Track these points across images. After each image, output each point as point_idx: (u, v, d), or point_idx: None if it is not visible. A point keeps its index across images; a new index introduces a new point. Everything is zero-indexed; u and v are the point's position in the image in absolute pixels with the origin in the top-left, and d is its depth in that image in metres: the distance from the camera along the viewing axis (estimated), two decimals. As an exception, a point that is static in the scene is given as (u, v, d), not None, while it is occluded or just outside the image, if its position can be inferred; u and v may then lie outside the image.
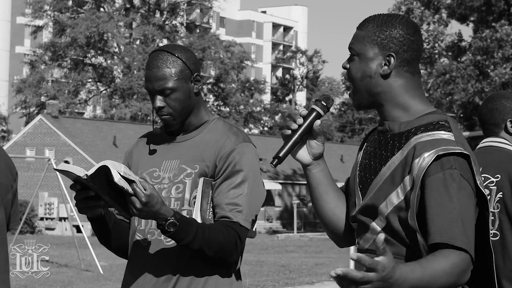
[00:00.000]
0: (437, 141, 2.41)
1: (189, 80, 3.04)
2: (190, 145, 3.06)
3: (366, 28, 2.56)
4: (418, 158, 2.39)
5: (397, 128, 2.52)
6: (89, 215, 2.93)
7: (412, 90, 2.54)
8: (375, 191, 2.48)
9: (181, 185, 3.01)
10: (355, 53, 2.55)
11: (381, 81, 2.52)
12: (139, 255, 3.04)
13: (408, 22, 2.57)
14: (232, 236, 2.92)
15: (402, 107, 2.53)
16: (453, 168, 2.37)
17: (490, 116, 3.83)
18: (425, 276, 2.28)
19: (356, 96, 2.57)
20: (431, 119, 2.49)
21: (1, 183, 3.39)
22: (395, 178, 2.44)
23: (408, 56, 2.53)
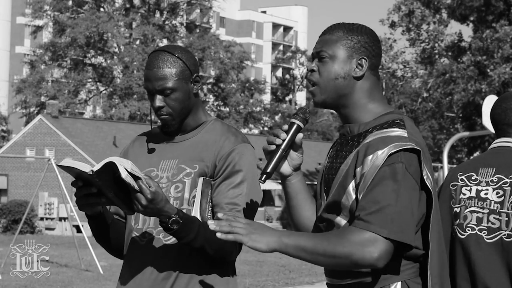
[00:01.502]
0: (390, 138, 2.53)
1: (189, 80, 3.05)
2: (189, 145, 3.08)
3: (337, 33, 2.68)
4: (372, 155, 2.51)
5: (356, 130, 2.65)
6: (89, 212, 2.94)
7: (375, 93, 2.69)
8: (335, 187, 2.61)
9: (180, 184, 3.02)
10: (327, 55, 2.66)
11: (352, 82, 2.66)
12: (136, 253, 3.04)
13: (372, 31, 2.72)
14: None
15: (364, 109, 2.67)
16: (399, 162, 2.49)
17: (504, 116, 3.79)
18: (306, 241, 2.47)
19: (322, 95, 2.68)
20: (387, 118, 2.62)
21: None
22: (350, 172, 2.57)
23: (375, 61, 2.69)
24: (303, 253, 2.48)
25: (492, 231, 3.60)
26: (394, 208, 2.45)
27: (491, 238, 3.57)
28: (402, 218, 2.45)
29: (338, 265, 2.50)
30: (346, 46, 2.66)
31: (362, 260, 2.44)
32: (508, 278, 3.61)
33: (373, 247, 2.42)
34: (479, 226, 3.58)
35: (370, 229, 2.43)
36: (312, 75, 2.69)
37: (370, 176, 2.49)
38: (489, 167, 3.71)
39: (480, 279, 3.54)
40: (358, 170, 2.54)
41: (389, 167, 2.48)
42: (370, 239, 2.43)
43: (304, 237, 2.49)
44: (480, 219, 3.59)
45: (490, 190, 3.67)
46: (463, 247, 3.57)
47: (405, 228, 2.45)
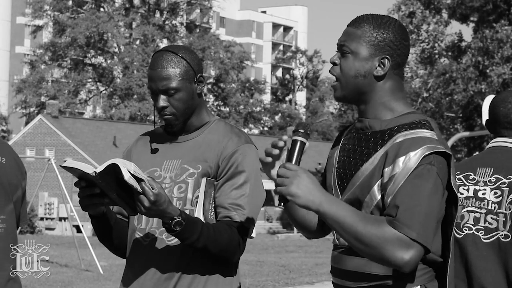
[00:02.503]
0: (422, 139, 2.46)
1: (192, 81, 3.05)
2: (192, 146, 3.07)
3: (362, 27, 2.57)
4: (404, 156, 2.44)
5: (378, 126, 2.57)
6: (92, 212, 2.94)
7: (397, 92, 2.60)
8: (357, 185, 2.54)
9: (184, 184, 3.02)
10: (349, 50, 2.57)
11: (373, 82, 2.57)
12: (139, 254, 3.04)
13: (401, 26, 2.61)
14: (236, 236, 2.94)
15: (386, 107, 2.59)
16: (432, 164, 2.44)
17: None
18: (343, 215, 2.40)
19: (343, 91, 2.60)
20: (412, 118, 2.55)
21: (11, 183, 3.41)
22: (377, 172, 2.50)
23: (400, 60, 2.59)
24: (337, 226, 2.41)
25: (489, 231, 3.60)
26: (424, 210, 2.40)
27: (488, 238, 3.57)
28: (429, 222, 2.41)
29: (366, 253, 2.42)
30: (369, 43, 2.56)
31: (391, 259, 2.38)
32: (504, 279, 3.61)
33: (406, 250, 2.37)
34: (476, 226, 3.58)
35: (403, 230, 2.38)
36: (334, 69, 2.61)
37: (402, 178, 2.42)
38: (487, 167, 3.71)
39: (477, 279, 3.54)
40: (386, 170, 2.47)
41: (423, 169, 2.42)
42: (404, 240, 2.38)
43: (345, 212, 2.41)
44: (477, 219, 3.59)
45: (488, 190, 3.66)
46: (460, 247, 3.57)
47: (429, 233, 2.41)
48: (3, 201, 3.39)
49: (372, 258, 2.42)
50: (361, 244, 2.39)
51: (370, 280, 2.53)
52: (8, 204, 3.41)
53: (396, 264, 2.39)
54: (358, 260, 2.54)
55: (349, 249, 2.55)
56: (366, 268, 2.53)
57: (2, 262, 3.41)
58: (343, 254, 2.59)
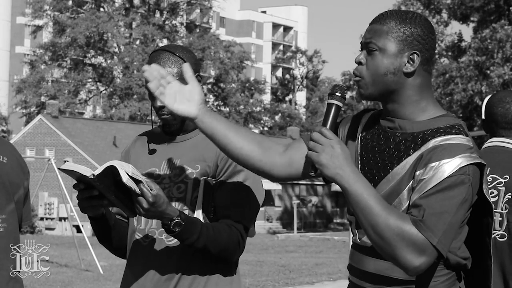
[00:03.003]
0: (457, 147, 2.39)
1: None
2: (190, 145, 3.07)
3: (388, 23, 2.49)
4: (436, 163, 2.37)
5: (409, 128, 2.49)
6: (91, 214, 2.94)
7: (426, 90, 2.52)
8: (388, 189, 2.46)
9: (183, 185, 3.01)
10: (376, 47, 2.48)
11: (403, 79, 2.48)
12: (139, 255, 3.04)
13: (427, 20, 2.54)
14: (235, 235, 2.94)
15: (416, 106, 2.50)
16: (466, 175, 2.37)
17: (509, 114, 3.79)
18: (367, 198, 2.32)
19: (369, 89, 2.50)
20: (446, 122, 2.47)
21: (12, 182, 3.42)
22: (408, 176, 2.43)
23: (428, 55, 2.50)
24: (358, 208, 2.35)
25: None
26: (450, 219, 2.34)
27: None
28: (451, 231, 2.36)
29: (377, 244, 2.36)
30: (397, 39, 2.46)
31: (401, 259, 2.32)
32: (501, 278, 3.61)
33: (418, 255, 2.32)
34: None
35: (425, 233, 2.32)
36: (357, 69, 2.51)
37: (432, 183, 2.35)
38: None
39: None
40: (417, 173, 2.39)
41: (457, 179, 2.34)
42: (421, 244, 2.32)
43: (370, 196, 2.33)
44: None
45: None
46: None
47: (448, 242, 2.36)
48: (4, 201, 3.39)
49: (382, 251, 2.36)
50: (376, 234, 2.33)
51: (391, 284, 2.48)
52: (9, 204, 3.41)
53: (404, 266, 2.34)
54: (381, 263, 2.48)
55: (371, 250, 2.49)
56: (388, 271, 2.47)
57: (3, 261, 3.42)
58: (365, 255, 2.53)
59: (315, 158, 2.37)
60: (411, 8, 35.61)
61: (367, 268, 2.52)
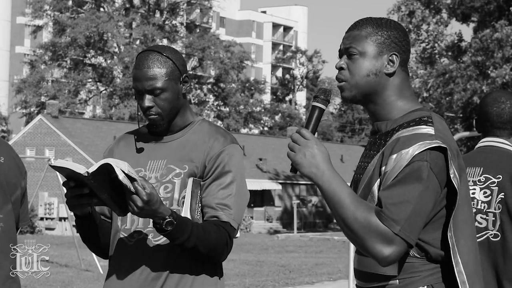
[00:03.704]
0: (415, 136, 2.47)
1: (178, 81, 3.05)
2: (177, 146, 3.07)
3: (365, 29, 2.60)
4: (396, 154, 2.46)
5: (384, 128, 2.60)
6: (79, 212, 2.94)
7: (405, 89, 2.62)
8: (362, 187, 2.57)
9: (170, 185, 3.02)
10: (357, 51, 2.59)
11: (384, 79, 2.59)
12: (125, 254, 3.03)
13: (401, 25, 2.66)
14: (224, 235, 2.95)
15: (393, 106, 2.61)
16: (424, 161, 2.43)
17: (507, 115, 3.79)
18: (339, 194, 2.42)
19: (352, 92, 2.61)
20: (414, 116, 2.56)
21: (10, 182, 3.42)
22: (375, 171, 2.53)
23: (405, 57, 2.62)
24: (331, 205, 2.45)
25: (479, 231, 3.61)
26: (412, 207, 2.40)
27: (478, 237, 3.57)
28: (416, 218, 2.41)
29: (351, 239, 2.45)
30: (376, 42, 2.59)
31: (371, 250, 2.40)
32: (494, 278, 3.62)
33: (387, 245, 2.39)
34: None
35: (386, 222, 2.39)
36: (341, 73, 2.62)
37: (393, 174, 2.44)
38: (476, 167, 3.72)
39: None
40: (383, 169, 2.50)
41: (414, 166, 2.43)
42: (386, 234, 2.39)
43: (342, 193, 2.43)
44: None
45: (477, 189, 3.68)
46: None
47: (414, 229, 2.42)
48: (1, 201, 3.39)
49: (356, 244, 2.44)
50: (346, 228, 2.42)
51: (379, 280, 2.55)
52: (6, 204, 3.41)
53: (375, 257, 2.41)
54: (365, 260, 2.57)
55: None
56: (375, 268, 2.55)
57: (1, 261, 3.42)
58: (360, 255, 2.62)
59: (292, 157, 2.47)
60: (411, 8, 35.64)
61: (361, 268, 2.61)
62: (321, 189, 2.46)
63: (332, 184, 2.44)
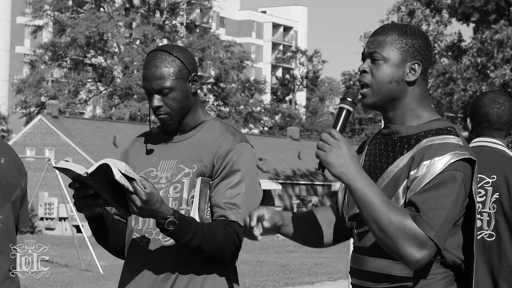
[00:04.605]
0: (447, 145, 2.51)
1: (187, 80, 3.04)
2: (188, 145, 3.07)
3: (391, 35, 2.64)
4: (429, 161, 2.49)
5: (404, 131, 2.63)
6: (87, 213, 2.93)
7: (424, 98, 2.66)
8: (383, 187, 2.57)
9: (179, 184, 3.01)
10: (381, 57, 2.62)
11: (405, 87, 2.63)
12: (136, 254, 3.04)
13: (425, 34, 2.70)
14: (231, 235, 2.93)
15: (413, 113, 2.64)
16: (458, 170, 2.48)
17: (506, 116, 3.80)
18: (373, 196, 2.45)
19: (374, 98, 2.64)
20: (439, 125, 2.60)
21: (9, 182, 3.42)
22: (402, 174, 2.55)
23: (427, 66, 2.65)
24: (362, 205, 2.46)
25: None
26: (446, 213, 2.45)
27: None
28: (447, 225, 2.47)
29: (381, 240, 2.46)
30: (400, 50, 2.62)
31: (403, 252, 2.42)
32: (489, 277, 3.62)
33: (420, 249, 2.42)
34: None
35: (423, 227, 2.42)
36: (364, 76, 2.65)
37: (425, 180, 2.47)
38: None
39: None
40: (412, 173, 2.52)
41: (448, 174, 2.47)
42: (421, 237, 2.42)
43: (373, 194, 2.45)
44: None
45: None
46: None
47: (445, 236, 2.47)
48: (0, 201, 3.39)
49: (386, 246, 2.46)
50: (379, 230, 2.44)
51: (389, 281, 2.57)
52: (5, 204, 3.42)
53: (406, 259, 2.43)
54: (380, 261, 2.58)
55: (370, 250, 2.60)
56: (387, 269, 2.57)
57: (0, 261, 3.42)
58: (364, 255, 2.62)
59: (323, 157, 2.49)
60: (411, 8, 35.63)
61: (367, 268, 2.61)
62: (351, 189, 2.47)
63: (362, 185, 2.45)
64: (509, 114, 3.79)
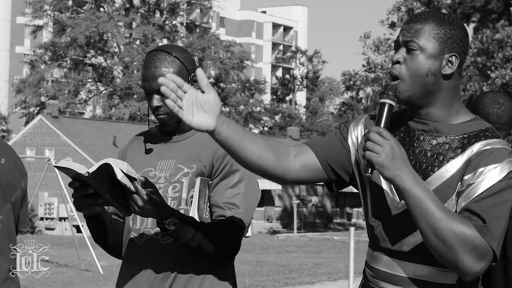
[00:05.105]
0: (500, 151, 2.39)
1: (186, 80, 3.04)
2: (186, 145, 3.08)
3: (429, 23, 2.44)
4: (484, 168, 2.36)
5: (445, 131, 2.47)
6: (86, 213, 2.94)
7: (458, 93, 2.51)
8: (433, 190, 2.42)
9: (178, 184, 3.01)
10: (418, 47, 2.43)
11: (441, 81, 2.44)
12: (135, 254, 3.04)
13: (463, 25, 2.51)
14: (231, 234, 2.94)
15: (450, 109, 2.47)
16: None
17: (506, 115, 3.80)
18: (429, 202, 2.29)
19: (408, 92, 2.45)
20: (480, 125, 2.47)
21: (9, 183, 3.42)
22: (455, 181, 2.41)
23: (463, 58, 2.48)
24: (417, 211, 2.31)
25: None
26: (504, 223, 2.34)
27: None
28: (503, 235, 2.36)
29: (436, 249, 2.31)
30: (439, 40, 2.42)
31: (461, 263, 2.30)
32: (503, 276, 3.62)
33: (479, 260, 2.30)
34: None
35: (487, 238, 2.30)
36: (397, 68, 2.45)
37: (482, 188, 2.34)
38: None
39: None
40: (466, 178, 2.37)
41: (507, 183, 2.35)
42: (483, 248, 2.30)
43: (431, 200, 2.29)
44: None
45: None
46: None
47: (501, 245, 2.36)
48: (1, 201, 3.40)
49: (443, 257, 2.32)
50: (438, 239, 2.28)
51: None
52: (5, 204, 3.42)
53: (464, 271, 2.31)
54: (423, 267, 2.44)
55: (409, 255, 2.45)
56: (431, 276, 2.44)
57: (0, 262, 3.42)
58: (401, 260, 2.47)
59: (376, 159, 2.31)
60: (411, 7, 35.63)
61: (403, 273, 2.46)
62: (407, 193, 2.31)
63: (419, 190, 2.30)
64: (508, 114, 3.78)
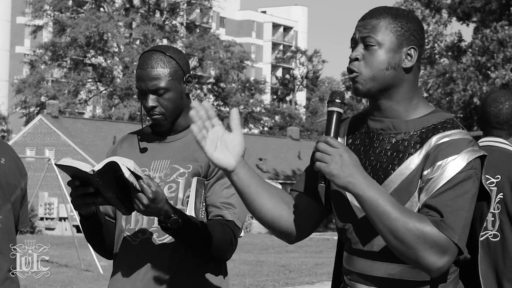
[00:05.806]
0: (458, 142, 2.37)
1: (181, 80, 3.06)
2: (180, 145, 3.08)
3: (384, 18, 2.43)
4: (442, 161, 2.34)
5: (403, 127, 2.45)
6: (83, 212, 2.94)
7: (417, 86, 2.49)
8: (393, 191, 2.40)
9: (174, 184, 3.02)
10: (375, 42, 2.41)
11: (401, 74, 2.43)
12: (129, 254, 3.04)
13: (417, 17, 2.50)
14: (229, 234, 2.96)
15: (410, 104, 2.46)
16: (473, 169, 2.37)
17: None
18: (383, 204, 2.27)
19: (368, 85, 2.43)
20: (439, 118, 2.45)
21: (9, 183, 3.43)
22: (416, 177, 2.39)
23: (421, 51, 2.47)
24: (374, 214, 2.29)
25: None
26: (466, 214, 2.32)
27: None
28: (467, 227, 2.33)
29: (397, 249, 2.30)
30: (396, 34, 2.40)
31: (423, 261, 2.29)
32: (494, 278, 3.62)
33: (441, 256, 2.28)
34: None
35: (446, 232, 2.28)
36: (355, 65, 2.42)
37: (442, 181, 2.32)
38: None
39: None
40: (425, 173, 2.36)
41: (465, 174, 2.33)
42: (443, 243, 2.28)
43: (386, 202, 2.27)
44: None
45: None
46: None
47: (466, 237, 2.34)
48: (0, 201, 3.40)
49: (404, 256, 2.31)
50: (396, 239, 2.28)
51: (404, 286, 2.43)
52: (5, 204, 3.43)
53: (427, 268, 2.30)
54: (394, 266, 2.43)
55: (380, 254, 2.44)
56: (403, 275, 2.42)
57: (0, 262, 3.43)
58: (373, 260, 2.46)
59: (325, 169, 2.31)
60: (411, 8, 35.63)
61: (377, 273, 2.45)
62: (360, 199, 2.30)
63: (373, 193, 2.29)
64: (506, 113, 3.78)
